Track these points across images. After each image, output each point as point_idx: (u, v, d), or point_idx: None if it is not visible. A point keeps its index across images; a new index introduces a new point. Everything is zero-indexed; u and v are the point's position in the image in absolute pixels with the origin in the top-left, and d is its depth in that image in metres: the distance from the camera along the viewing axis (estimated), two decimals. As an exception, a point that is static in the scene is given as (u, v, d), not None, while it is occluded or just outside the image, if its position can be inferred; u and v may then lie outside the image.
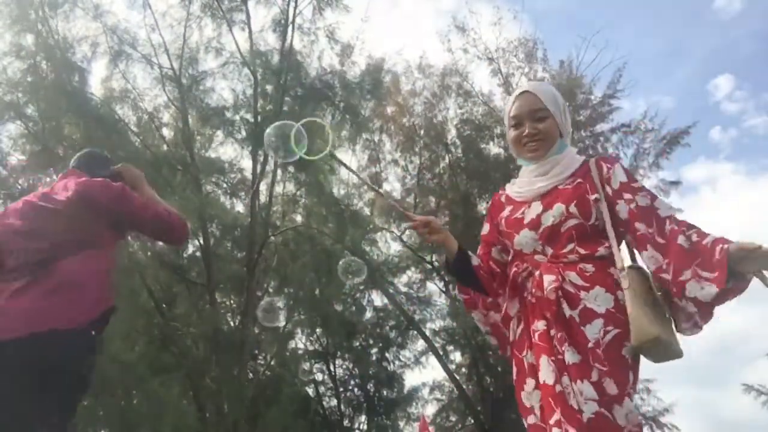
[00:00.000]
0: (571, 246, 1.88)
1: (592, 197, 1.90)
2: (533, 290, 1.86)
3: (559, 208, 1.90)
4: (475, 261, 2.05)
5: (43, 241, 2.20)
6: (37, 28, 10.46)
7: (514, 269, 1.95)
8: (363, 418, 14.67)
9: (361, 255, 12.41)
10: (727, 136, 23.91)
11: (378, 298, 14.54)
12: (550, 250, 1.90)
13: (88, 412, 10.47)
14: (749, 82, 25.26)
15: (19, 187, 10.80)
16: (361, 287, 13.80)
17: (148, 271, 10.54)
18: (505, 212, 2.05)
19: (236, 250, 12.15)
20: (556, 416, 1.70)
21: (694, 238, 1.75)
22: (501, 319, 2.03)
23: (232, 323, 11.87)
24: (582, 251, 1.87)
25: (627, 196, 1.89)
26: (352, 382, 14.95)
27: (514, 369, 1.94)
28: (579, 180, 1.95)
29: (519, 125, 2.03)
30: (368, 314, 14.67)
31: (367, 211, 14.11)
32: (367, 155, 14.99)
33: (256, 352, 12.43)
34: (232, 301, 12.63)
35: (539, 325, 1.83)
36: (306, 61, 11.89)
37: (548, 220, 1.91)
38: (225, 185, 12.44)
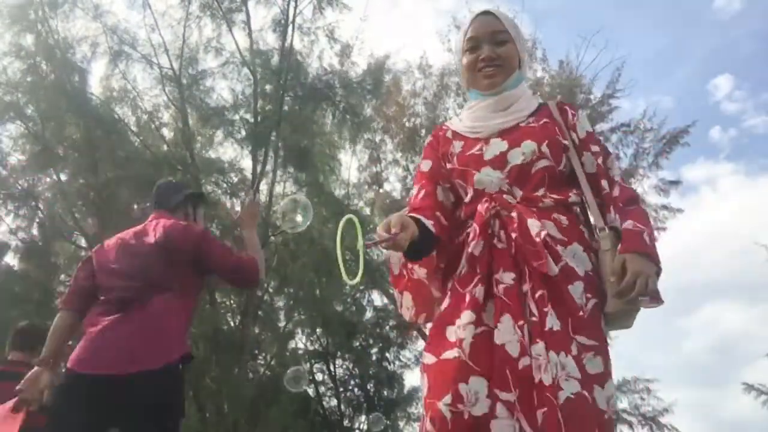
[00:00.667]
0: (542, 190, 1.65)
1: (564, 141, 1.71)
2: (511, 234, 1.58)
3: (529, 146, 1.67)
4: (433, 228, 1.66)
5: (133, 280, 2.38)
6: (37, 28, 10.47)
7: (484, 205, 1.65)
8: (363, 418, 14.67)
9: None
10: (726, 136, 23.90)
11: (378, 298, 14.54)
12: (519, 192, 1.65)
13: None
14: (749, 82, 25.25)
15: (19, 187, 10.81)
16: (361, 287, 13.80)
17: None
18: (456, 148, 1.76)
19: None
20: (510, 396, 1.43)
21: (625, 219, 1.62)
22: (463, 256, 1.67)
23: (232, 323, 11.88)
24: (555, 196, 1.65)
25: (594, 148, 1.74)
26: (352, 382, 14.95)
27: (446, 302, 1.62)
28: (545, 120, 1.74)
29: (476, 48, 1.78)
30: (368, 314, 14.68)
31: (367, 210, 14.11)
32: (367, 155, 15.00)
33: (256, 352, 12.44)
34: (232, 301, 12.63)
35: (506, 276, 1.55)
36: (306, 61, 11.90)
37: (517, 158, 1.67)
38: (225, 185, 12.44)
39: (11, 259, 10.88)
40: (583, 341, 1.50)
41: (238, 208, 12.54)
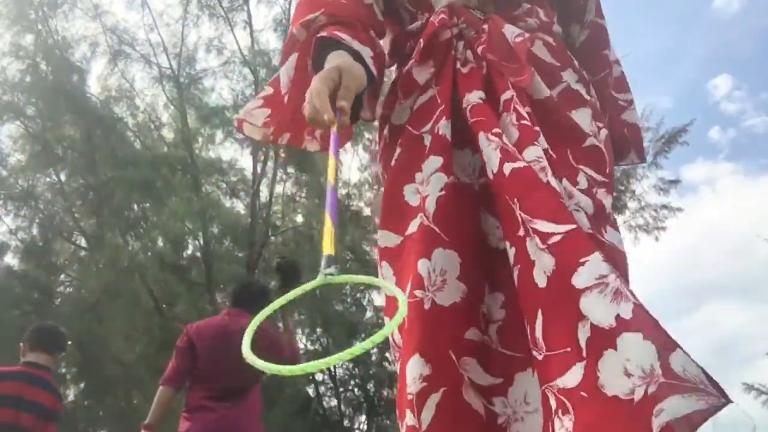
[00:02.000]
0: (521, 10, 1.21)
1: None
2: (478, 50, 1.13)
3: None
4: (372, 64, 1.12)
5: (240, 373, 2.85)
6: (37, 28, 10.46)
7: (438, 17, 1.16)
8: (363, 418, 14.68)
9: (361, 255, 12.43)
10: (726, 136, 23.89)
11: (379, 298, 14.55)
12: (491, 8, 1.20)
13: (88, 412, 10.46)
14: (747, 83, 25.24)
15: (19, 187, 10.80)
16: (362, 287, 13.80)
17: (148, 271, 10.53)
18: None
19: (236, 250, 12.13)
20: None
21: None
22: (399, 87, 1.21)
23: (232, 323, 11.86)
24: (541, 17, 1.21)
25: None
26: (352, 382, 14.96)
27: (397, 152, 1.15)
28: None
29: None
30: (368, 314, 14.68)
31: (367, 211, 14.11)
32: (368, 154, 15.01)
33: (257, 352, 12.44)
34: (232, 301, 12.62)
35: (472, 97, 1.09)
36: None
37: None
38: (225, 185, 12.44)
39: (11, 259, 10.88)
40: (592, 174, 1.10)
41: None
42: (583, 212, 1.01)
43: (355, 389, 14.98)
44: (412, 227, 1.06)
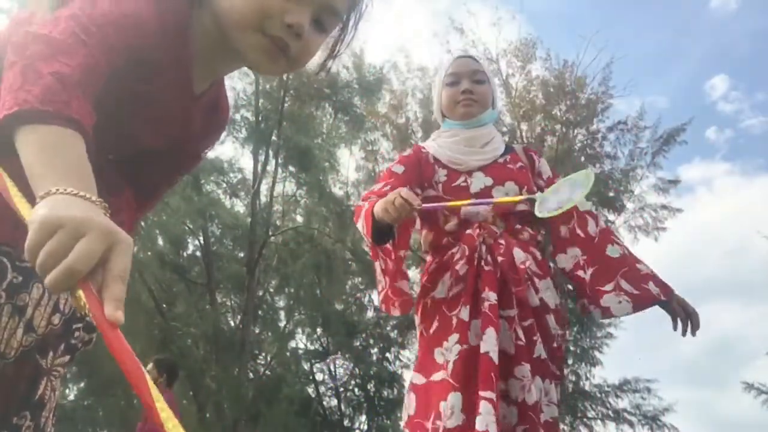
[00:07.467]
0: (520, 225, 1.84)
1: (536, 190, 1.87)
2: (498, 258, 1.73)
3: (513, 187, 1.85)
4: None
5: None
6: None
7: (475, 231, 1.80)
8: (363, 417, 14.67)
9: (361, 255, 12.43)
10: (723, 136, 23.89)
11: (379, 298, 14.54)
12: (502, 224, 1.82)
13: (88, 411, 10.47)
14: (744, 83, 25.22)
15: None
16: (362, 287, 13.80)
17: (148, 270, 10.53)
18: (440, 176, 1.90)
19: (236, 250, 12.13)
20: (489, 394, 1.54)
21: (624, 251, 1.85)
22: (435, 269, 1.85)
23: (232, 323, 11.86)
24: (530, 231, 1.85)
25: None
26: (353, 382, 14.95)
27: (434, 325, 1.77)
28: (521, 164, 1.93)
29: (456, 83, 1.95)
30: (369, 314, 14.68)
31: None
32: (365, 153, 15.00)
33: (256, 352, 12.43)
34: (232, 301, 12.62)
35: (491, 296, 1.68)
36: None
37: (500, 194, 1.84)
38: (225, 185, 12.44)
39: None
40: (554, 369, 1.71)
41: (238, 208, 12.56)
42: (552, 405, 1.68)
43: (355, 389, 14.97)
44: (435, 377, 1.68)
